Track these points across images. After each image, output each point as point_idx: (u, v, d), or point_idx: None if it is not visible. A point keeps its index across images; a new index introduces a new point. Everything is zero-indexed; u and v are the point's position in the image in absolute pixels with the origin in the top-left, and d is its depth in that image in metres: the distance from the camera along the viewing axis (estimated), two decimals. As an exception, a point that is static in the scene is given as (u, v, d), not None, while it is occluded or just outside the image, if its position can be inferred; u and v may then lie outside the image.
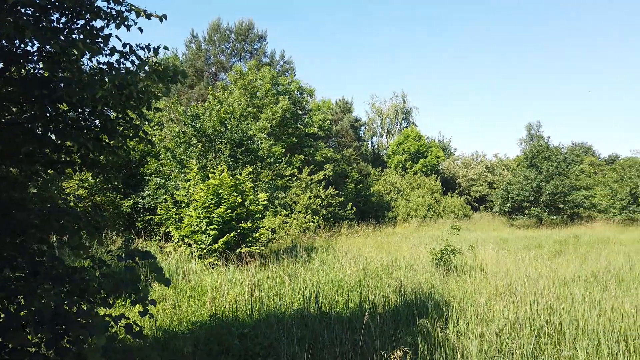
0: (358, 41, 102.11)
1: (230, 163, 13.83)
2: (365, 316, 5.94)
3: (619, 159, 43.11)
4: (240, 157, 14.23)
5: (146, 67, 3.29)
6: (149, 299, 3.13)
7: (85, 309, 2.90)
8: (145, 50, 3.35)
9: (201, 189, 11.33)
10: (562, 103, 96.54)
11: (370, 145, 46.96)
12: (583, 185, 31.90)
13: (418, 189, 33.87)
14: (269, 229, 15.02)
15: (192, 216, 11.23)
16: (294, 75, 30.48)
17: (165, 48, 3.47)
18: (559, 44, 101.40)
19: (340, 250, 14.32)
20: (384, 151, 45.41)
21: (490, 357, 4.40)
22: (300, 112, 26.53)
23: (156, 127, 22.60)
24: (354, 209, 23.97)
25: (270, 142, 18.25)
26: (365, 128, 46.08)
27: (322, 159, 25.39)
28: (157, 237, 13.66)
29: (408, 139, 40.00)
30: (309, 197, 21.31)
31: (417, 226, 28.43)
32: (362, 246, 16.45)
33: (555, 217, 28.72)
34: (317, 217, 20.57)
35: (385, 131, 46.91)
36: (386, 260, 11.71)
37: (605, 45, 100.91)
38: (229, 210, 11.14)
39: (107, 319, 2.99)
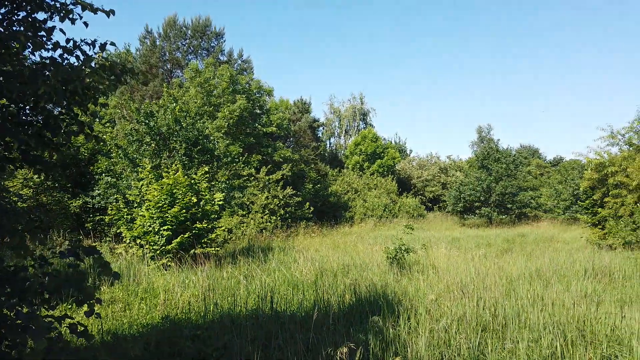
0: (317, 42, 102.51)
1: (186, 162, 13.56)
2: (319, 315, 6.00)
3: (563, 161, 45.40)
4: (196, 156, 13.98)
5: (92, 63, 3.18)
6: (96, 297, 3.02)
7: (26, 311, 2.77)
8: (91, 46, 3.24)
9: (154, 188, 11.04)
10: (511, 107, 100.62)
11: (328, 145, 47.26)
12: (530, 186, 33.39)
13: (375, 189, 34.39)
14: (225, 230, 14.82)
15: (144, 216, 10.93)
16: (252, 75, 30.27)
17: (112, 44, 3.36)
18: (508, 49, 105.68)
19: (297, 250, 14.33)
20: (342, 152, 45.81)
21: (439, 351, 4.54)
22: (258, 111, 26.35)
23: (107, 124, 21.84)
24: (312, 209, 24.04)
25: (227, 142, 18.02)
26: (323, 129, 46.32)
27: (280, 159, 25.33)
28: (108, 238, 13.20)
29: (365, 140, 40.55)
30: (267, 197, 21.20)
31: (373, 226, 28.86)
32: (320, 246, 16.53)
33: (504, 216, 29.91)
34: (274, 217, 20.50)
35: (343, 132, 47.35)
36: (342, 259, 11.83)
37: (551, 52, 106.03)
38: (184, 211, 10.92)
39: (49, 319, 2.88)
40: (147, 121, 13.43)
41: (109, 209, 12.47)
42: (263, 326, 5.54)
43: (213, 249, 11.28)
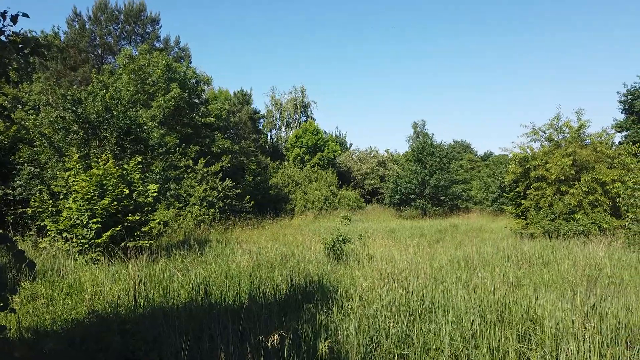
0: (258, 32, 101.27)
1: (117, 152, 12.97)
2: (255, 306, 6.00)
3: (493, 156, 48.02)
4: (128, 146, 13.40)
5: (2, 37, 2.95)
6: (8, 287, 2.83)
7: None
8: (1, 18, 2.99)
9: (83, 179, 10.48)
10: (446, 104, 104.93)
11: (269, 138, 46.95)
12: (462, 179, 35.02)
13: (315, 181, 34.66)
14: (161, 222, 14.36)
15: (71, 209, 10.35)
16: (190, 63, 29.37)
17: (25, 15, 3.10)
18: (444, 47, 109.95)
19: (236, 242, 14.20)
20: (283, 144, 45.70)
21: (369, 336, 4.69)
22: (196, 101, 25.65)
23: (31, 111, 20.40)
24: (252, 201, 23.85)
25: (162, 132, 17.41)
26: (264, 120, 45.92)
27: (219, 151, 24.86)
28: (31, 232, 12.37)
29: (306, 133, 40.70)
30: (205, 189, 20.77)
31: (313, 218, 29.12)
32: (259, 238, 16.46)
33: (437, 208, 31.21)
34: (212, 210, 20.14)
35: (285, 124, 47.22)
36: (281, 251, 11.86)
37: (483, 52, 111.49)
38: (115, 202, 10.46)
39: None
40: (74, 108, 12.67)
41: (32, 200, 11.69)
42: (196, 318, 5.45)
43: (146, 242, 10.90)
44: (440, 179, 31.03)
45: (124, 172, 11.11)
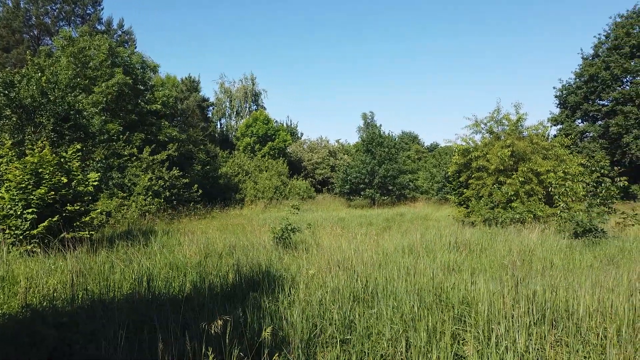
0: (207, 18, 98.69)
1: (55, 139, 12.33)
2: (201, 296, 5.95)
3: (438, 147, 49.57)
4: (67, 132, 12.77)
5: None
6: None
7: None
8: None
9: (16, 167, 9.90)
10: (395, 96, 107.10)
11: (218, 126, 46.10)
12: (409, 169, 35.96)
13: (266, 171, 34.48)
14: (103, 213, 13.84)
15: (4, 198, 9.77)
16: (135, 48, 28.26)
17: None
18: (393, 41, 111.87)
19: (183, 233, 13.93)
20: (233, 133, 45.03)
21: (313, 322, 4.78)
22: (141, 87, 24.74)
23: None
24: (200, 191, 23.41)
25: (104, 118, 16.68)
26: (213, 108, 45.01)
27: (166, 139, 24.16)
28: (-43, 224, 11.57)
29: (257, 122, 40.28)
30: (150, 179, 20.16)
31: (264, 207, 29.01)
32: (207, 228, 16.22)
33: (385, 197, 31.94)
34: (157, 200, 19.59)
35: (234, 113, 46.49)
36: (229, 241, 11.76)
37: (429, 47, 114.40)
38: (52, 192, 9.95)
39: None
40: (6, 92, 11.91)
41: (-42, 190, 10.92)
42: (138, 310, 5.34)
43: (87, 232, 10.47)
44: (388, 169, 31.71)
45: (62, 160, 10.59)
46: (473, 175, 18.11)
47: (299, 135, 50.87)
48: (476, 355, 4.26)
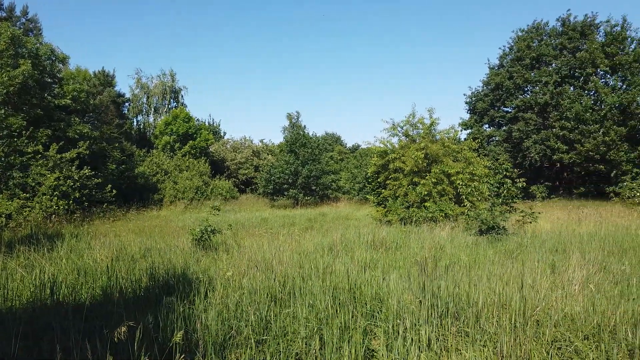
0: (123, 10, 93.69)
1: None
2: (111, 302, 5.69)
3: (360, 148, 51.04)
4: (-42, 127, 11.56)
5: None
6: None
7: None
8: None
9: None
10: (320, 97, 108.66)
11: (135, 123, 43.92)
12: (332, 170, 36.68)
13: (186, 171, 33.47)
14: (2, 215, 12.69)
15: None
16: (42, 38, 26.13)
17: None
18: (320, 44, 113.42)
19: (94, 236, 13.20)
20: (151, 131, 43.14)
21: (228, 324, 4.78)
22: (48, 80, 22.94)
23: None
24: (115, 191, 22.20)
25: (3, 112, 15.29)
26: (129, 105, 42.82)
27: (76, 136, 22.58)
28: None
29: (177, 120, 38.94)
30: (58, 178, 18.76)
31: (184, 208, 28.18)
32: (121, 231, 15.50)
33: (309, 197, 32.34)
34: (64, 201, 18.28)
35: (153, 110, 44.55)
36: (146, 244, 11.34)
37: (354, 50, 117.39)
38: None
39: None
40: None
41: None
42: (40, 319, 5.01)
43: (-19, 237, 9.56)
44: (312, 170, 32.13)
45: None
46: (390, 177, 18.90)
47: (222, 134, 49.96)
48: (385, 349, 4.50)
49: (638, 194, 20.90)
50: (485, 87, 39.65)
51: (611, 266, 8.16)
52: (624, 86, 33.48)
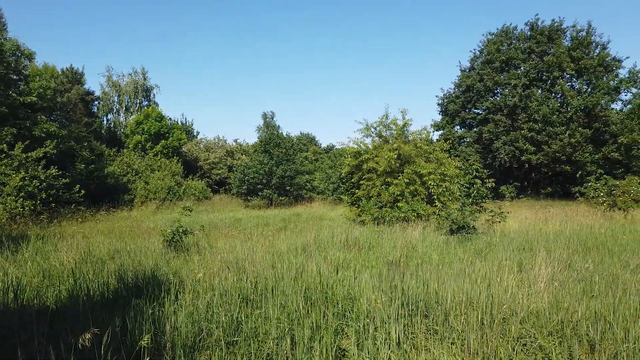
0: (93, 7, 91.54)
1: None
2: (78, 305, 5.55)
3: (334, 148, 51.23)
4: None
5: None
6: None
7: None
8: None
9: None
10: (295, 97, 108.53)
11: (105, 122, 42.91)
12: (306, 170, 36.69)
13: (158, 171, 32.92)
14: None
15: None
16: (7, 33, 25.24)
17: None
18: (294, 44, 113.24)
19: (62, 237, 12.86)
20: (122, 130, 42.23)
21: (199, 326, 4.74)
22: (14, 77, 22.20)
23: None
24: (83, 191, 21.66)
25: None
26: (99, 103, 41.80)
27: (43, 134, 21.92)
28: None
29: (149, 119, 38.23)
30: (23, 178, 18.19)
31: (156, 209, 27.72)
32: (91, 232, 15.14)
33: (283, 198, 32.27)
34: (30, 202, 17.73)
35: (124, 109, 43.58)
36: (115, 245, 11.12)
37: (327, 52, 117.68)
38: None
39: None
40: None
41: None
42: (2, 324, 4.85)
43: (-60, 240, 9.20)
44: (286, 170, 32.06)
45: None
46: (364, 177, 19.04)
47: (195, 134, 49.32)
48: (356, 348, 4.54)
49: (601, 194, 21.63)
50: (456, 89, 40.38)
51: (575, 264, 8.43)
52: (589, 89, 34.68)
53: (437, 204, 15.67)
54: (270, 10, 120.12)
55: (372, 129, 20.01)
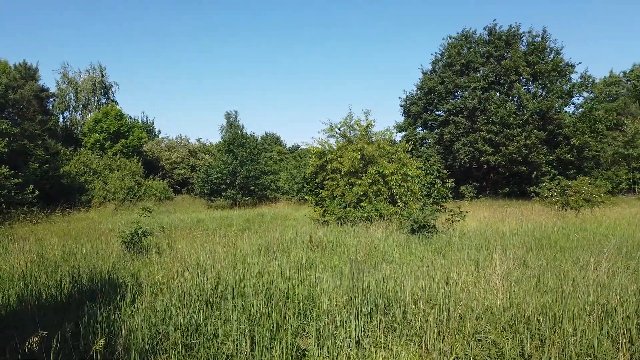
0: (49, 2, 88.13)
1: None
2: (27, 310, 5.34)
3: (299, 148, 51.21)
4: None
5: None
6: None
7: None
8: None
9: None
10: (258, 97, 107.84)
11: (61, 120, 41.31)
12: (271, 170, 36.51)
13: (118, 170, 31.98)
14: None
15: None
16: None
17: None
18: (257, 43, 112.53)
19: (12, 239, 12.36)
20: (79, 128, 40.77)
21: (156, 329, 4.64)
22: (-40, 71, 21.08)
23: None
24: (37, 192, 20.80)
25: None
26: (55, 100, 40.19)
27: (-7, 132, 20.94)
28: None
29: (108, 117, 37.06)
30: (-29, 178, 17.31)
31: (114, 210, 26.95)
32: (44, 234, 14.59)
33: (247, 198, 32.00)
34: (-21, 203, 16.90)
35: (81, 106, 42.07)
36: (70, 247, 10.75)
37: (292, 52, 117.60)
38: None
39: None
40: None
41: None
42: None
43: None
44: (250, 170, 31.79)
45: None
46: (328, 177, 19.12)
47: (156, 133, 48.21)
48: (316, 347, 4.56)
49: (555, 194, 22.54)
50: (418, 91, 41.13)
51: (529, 261, 8.74)
52: (544, 93, 36.09)
53: (399, 203, 15.92)
54: (233, 13, 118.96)
55: (336, 130, 20.14)
